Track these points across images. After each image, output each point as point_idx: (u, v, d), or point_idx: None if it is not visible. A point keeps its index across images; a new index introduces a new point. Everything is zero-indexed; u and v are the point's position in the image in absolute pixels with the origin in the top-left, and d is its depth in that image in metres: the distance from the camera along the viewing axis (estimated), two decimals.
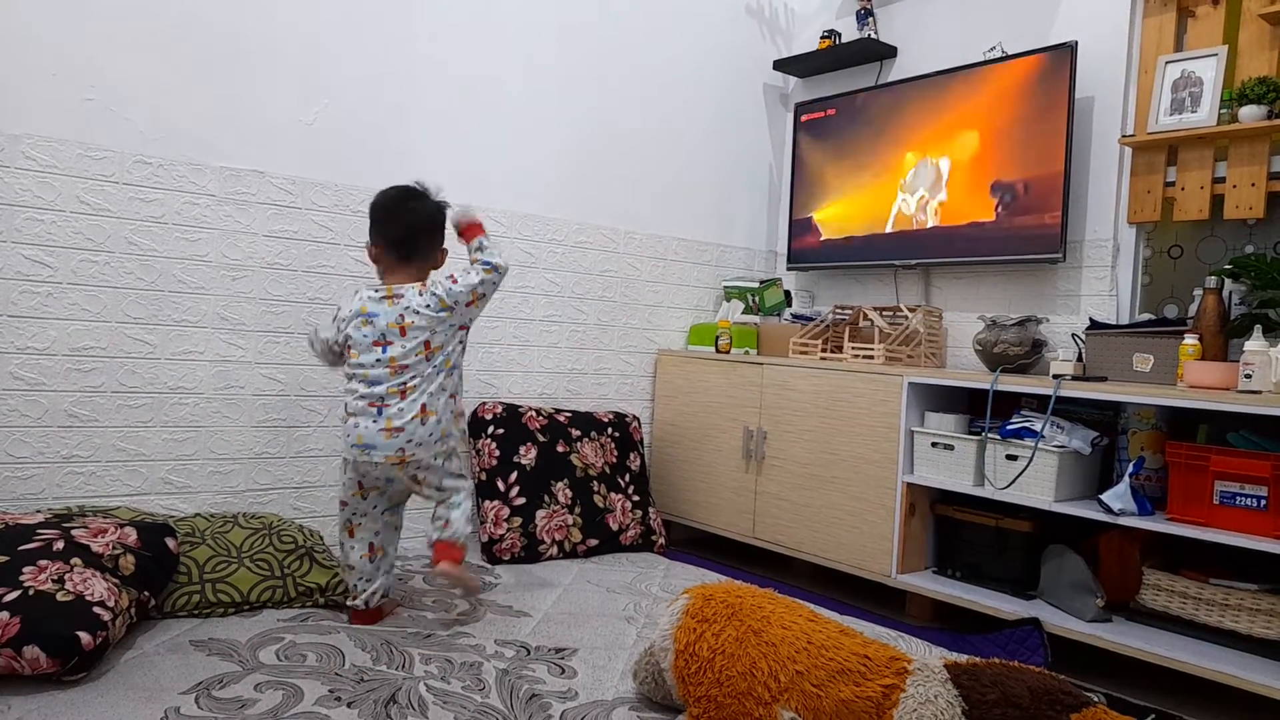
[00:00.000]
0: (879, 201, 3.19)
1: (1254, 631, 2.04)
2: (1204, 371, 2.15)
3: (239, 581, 2.08)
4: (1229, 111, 2.40)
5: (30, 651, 1.59)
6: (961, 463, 2.51)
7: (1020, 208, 2.77)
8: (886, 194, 3.17)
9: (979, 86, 2.88)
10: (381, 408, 2.04)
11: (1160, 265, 2.70)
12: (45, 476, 2.23)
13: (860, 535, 2.69)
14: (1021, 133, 2.77)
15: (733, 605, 1.64)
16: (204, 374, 2.45)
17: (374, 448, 2.03)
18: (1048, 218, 2.70)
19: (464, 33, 2.88)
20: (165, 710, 1.56)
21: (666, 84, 3.41)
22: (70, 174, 2.23)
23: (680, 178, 3.49)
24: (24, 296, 2.19)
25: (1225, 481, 2.04)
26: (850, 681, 1.45)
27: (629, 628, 2.18)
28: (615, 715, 1.68)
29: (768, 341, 3.31)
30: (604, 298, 3.30)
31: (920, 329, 2.89)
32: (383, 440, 2.03)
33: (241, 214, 2.49)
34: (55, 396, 2.24)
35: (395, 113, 2.75)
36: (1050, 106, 2.69)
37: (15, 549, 1.75)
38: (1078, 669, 2.24)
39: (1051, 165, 2.69)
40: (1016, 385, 2.41)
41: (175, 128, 2.38)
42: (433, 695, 1.70)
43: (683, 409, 3.31)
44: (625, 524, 2.95)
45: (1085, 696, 1.35)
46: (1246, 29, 2.45)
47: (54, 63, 2.20)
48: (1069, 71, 2.64)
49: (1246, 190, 2.39)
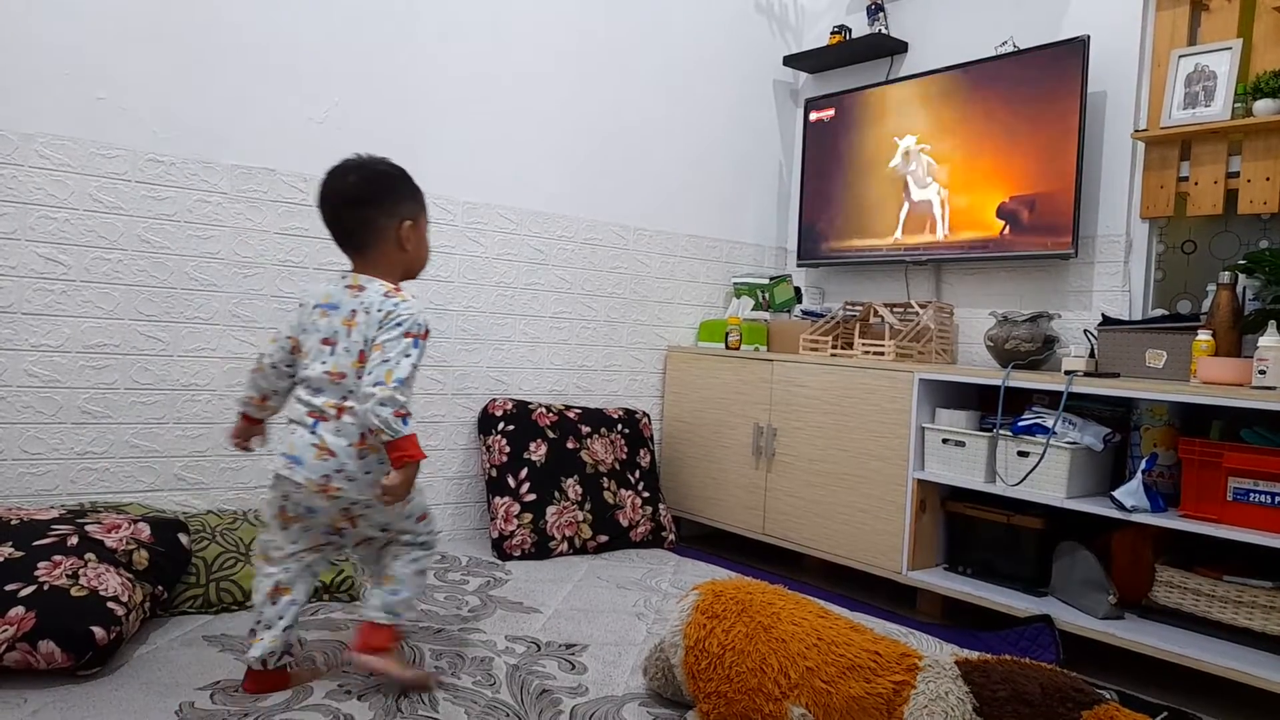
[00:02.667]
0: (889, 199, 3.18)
1: (1268, 629, 2.03)
2: (1217, 367, 2.13)
3: (244, 579, 2.09)
4: (1243, 105, 2.38)
5: (45, 646, 1.60)
6: (973, 459, 2.50)
7: (1032, 204, 2.76)
8: (896, 190, 3.16)
9: (990, 81, 2.87)
10: (319, 420, 1.64)
11: (1173, 261, 2.68)
12: (59, 472, 2.25)
13: (871, 532, 2.69)
14: (1033, 128, 2.75)
15: (743, 601, 1.64)
16: (216, 371, 2.46)
17: (300, 464, 1.63)
18: (1060, 213, 2.68)
19: (473, 31, 2.88)
20: (180, 704, 1.57)
21: (676, 80, 3.41)
22: (83, 172, 2.25)
23: (690, 174, 3.49)
24: (38, 294, 2.20)
25: (1239, 478, 2.03)
26: (861, 678, 1.44)
27: (639, 624, 2.18)
28: (625, 711, 1.68)
29: (778, 338, 3.30)
30: (614, 294, 3.30)
31: (931, 325, 2.88)
32: (311, 458, 1.62)
33: (253, 211, 2.50)
34: (69, 393, 2.25)
35: (405, 110, 2.76)
36: (1062, 101, 2.67)
37: (30, 544, 1.76)
38: (1090, 666, 2.23)
39: (1064, 160, 2.67)
40: (1028, 381, 2.40)
41: (187, 126, 2.39)
42: (443, 690, 1.71)
43: (693, 405, 3.31)
44: (635, 520, 2.96)
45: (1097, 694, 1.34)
46: (1261, 22, 2.43)
47: (66, 62, 2.21)
48: (1081, 66, 2.62)
49: (1261, 185, 2.37)
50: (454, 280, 2.88)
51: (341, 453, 1.62)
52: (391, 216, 1.72)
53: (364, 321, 1.65)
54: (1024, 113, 2.77)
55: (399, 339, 1.61)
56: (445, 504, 2.90)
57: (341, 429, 1.63)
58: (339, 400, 1.64)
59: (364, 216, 1.71)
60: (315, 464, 1.62)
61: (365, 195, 1.71)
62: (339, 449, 1.62)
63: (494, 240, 2.97)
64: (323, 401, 1.65)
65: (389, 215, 1.71)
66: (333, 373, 1.65)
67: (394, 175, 1.75)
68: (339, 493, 1.63)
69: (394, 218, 1.72)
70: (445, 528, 2.90)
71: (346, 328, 1.66)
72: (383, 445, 1.58)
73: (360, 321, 1.65)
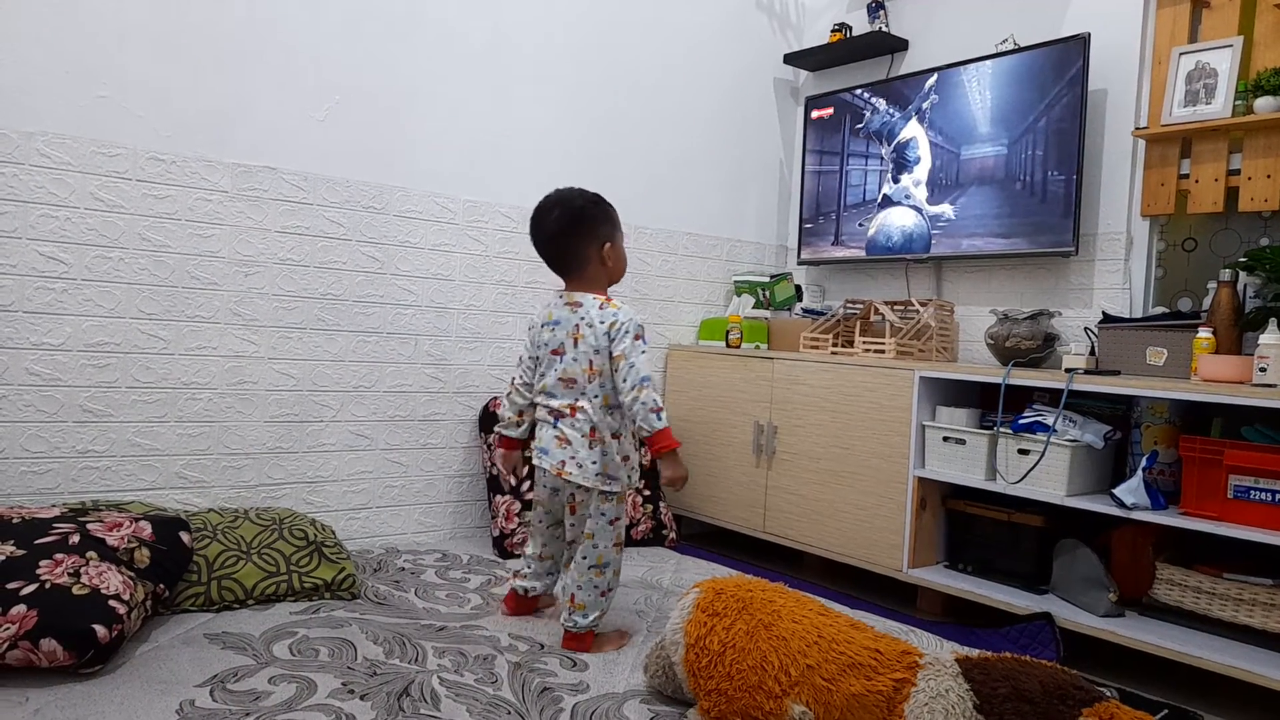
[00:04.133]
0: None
1: (1268, 626, 2.03)
2: (1218, 365, 2.13)
3: (244, 577, 2.10)
4: (1244, 103, 2.37)
5: (47, 644, 1.60)
6: (973, 457, 2.50)
7: (1033, 201, 2.76)
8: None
9: (991, 79, 2.87)
10: (557, 419, 2.01)
11: (1174, 258, 2.68)
12: (61, 471, 2.25)
13: (871, 530, 2.69)
14: (1033, 125, 2.75)
15: (743, 599, 1.64)
16: (217, 369, 2.46)
17: (545, 453, 2.02)
18: (1060, 211, 2.68)
19: (474, 30, 2.88)
20: (180, 702, 1.58)
21: (677, 78, 3.41)
22: (84, 171, 2.25)
23: (691, 172, 3.49)
24: (39, 293, 2.21)
25: (1239, 476, 2.03)
26: (861, 675, 1.45)
27: (640, 621, 2.19)
28: (626, 708, 1.68)
29: (778, 336, 3.30)
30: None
31: (931, 323, 2.88)
32: (554, 447, 2.01)
33: (254, 210, 2.50)
34: (70, 392, 2.26)
35: (405, 109, 2.76)
36: (1063, 99, 2.67)
37: (32, 543, 1.77)
38: (1090, 664, 2.24)
39: (1064, 158, 2.67)
40: (1028, 379, 2.40)
41: (188, 124, 2.39)
42: (445, 688, 1.71)
43: (693, 404, 3.31)
44: (636, 518, 2.96)
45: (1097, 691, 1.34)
46: (1262, 20, 2.43)
47: (67, 60, 2.21)
48: (1082, 63, 2.62)
49: (1262, 182, 2.37)
50: (455, 279, 2.88)
51: (575, 441, 1.98)
52: (593, 242, 2.05)
53: (589, 334, 2.00)
54: (1024, 110, 2.77)
55: (632, 342, 1.98)
56: (446, 502, 2.90)
57: (576, 424, 1.98)
58: (570, 403, 1.99)
59: (570, 246, 2.05)
60: (556, 451, 2.00)
61: (568, 229, 2.03)
62: (574, 439, 1.98)
63: (495, 239, 2.97)
64: (559, 403, 2.01)
65: (590, 242, 2.04)
66: (566, 373, 2.00)
67: (589, 207, 2.05)
68: (570, 476, 1.98)
69: (595, 242, 2.05)
70: (446, 526, 2.90)
71: (573, 339, 2.01)
72: (644, 441, 1.98)
73: (586, 334, 2.00)
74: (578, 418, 1.99)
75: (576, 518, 2.07)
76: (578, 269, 2.06)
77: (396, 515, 2.80)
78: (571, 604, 2.01)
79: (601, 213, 2.06)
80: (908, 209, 3.13)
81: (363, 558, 2.54)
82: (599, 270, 2.07)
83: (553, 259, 2.09)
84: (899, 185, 3.15)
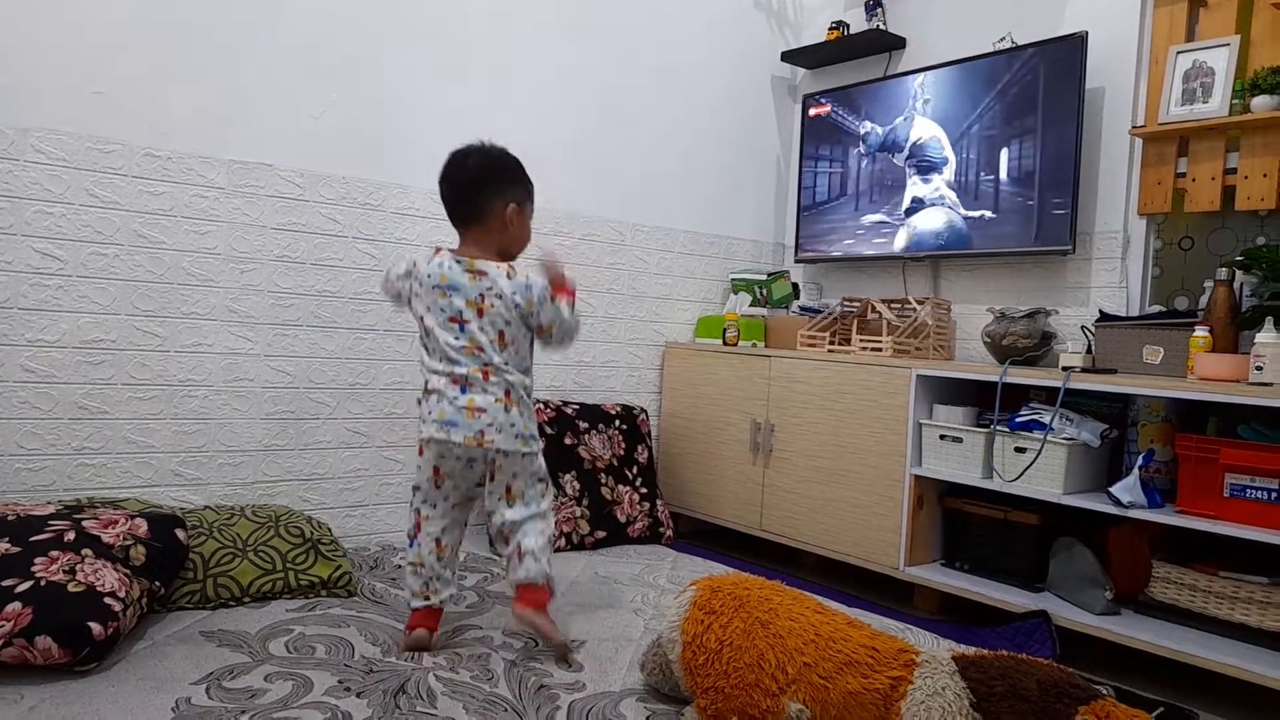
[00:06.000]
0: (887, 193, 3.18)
1: (1264, 625, 2.03)
2: (1214, 364, 2.14)
3: (240, 575, 2.09)
4: (1241, 102, 2.38)
5: (42, 641, 1.60)
6: (970, 455, 2.51)
7: (1030, 199, 2.76)
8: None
9: (988, 77, 2.87)
10: (465, 386, 1.88)
11: (1171, 257, 2.68)
12: (56, 468, 2.24)
13: (868, 528, 2.69)
14: (1031, 124, 2.75)
15: (740, 597, 1.64)
16: (213, 366, 2.45)
17: (455, 426, 1.88)
18: (1057, 209, 2.68)
19: (471, 26, 2.87)
20: (176, 700, 1.57)
21: (674, 76, 3.40)
22: (79, 167, 2.24)
23: (688, 170, 3.49)
24: (34, 289, 2.20)
25: (1236, 474, 2.03)
26: (858, 673, 1.45)
27: (636, 619, 2.19)
28: (623, 706, 1.68)
29: (775, 334, 3.30)
30: (611, 290, 3.29)
31: (928, 321, 2.88)
32: (464, 419, 1.88)
33: (250, 207, 2.49)
34: (66, 389, 2.25)
35: (402, 106, 2.75)
36: (1060, 97, 2.67)
37: (27, 540, 1.76)
38: (1086, 662, 2.24)
39: (1061, 156, 2.67)
40: (1025, 378, 2.40)
41: (184, 121, 2.38)
42: (441, 685, 1.71)
43: (690, 402, 3.31)
44: (633, 516, 2.96)
45: (1094, 689, 1.35)
46: (1259, 18, 2.43)
47: (63, 56, 2.20)
48: (1079, 62, 2.62)
49: (1258, 181, 2.37)
50: None
51: (490, 409, 1.89)
52: (500, 198, 1.94)
53: (499, 304, 1.89)
54: (1021, 108, 2.77)
55: (553, 305, 1.94)
56: None
57: (489, 389, 1.89)
58: (481, 368, 1.89)
59: (480, 193, 1.94)
60: (469, 423, 1.87)
61: (484, 174, 1.94)
62: (486, 405, 1.88)
63: None
64: (465, 370, 1.88)
65: (499, 197, 1.94)
66: (472, 342, 1.89)
67: (508, 160, 1.98)
68: (490, 443, 1.89)
69: (503, 199, 1.94)
70: None
71: (477, 310, 1.89)
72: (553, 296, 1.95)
73: (495, 304, 1.89)
74: (491, 381, 1.89)
75: (495, 484, 1.97)
76: (477, 221, 1.94)
77: (393, 512, 2.80)
78: (520, 555, 1.92)
79: (520, 173, 2.00)
80: (941, 209, 3.04)
81: (359, 555, 2.54)
82: (500, 229, 1.95)
83: (456, 203, 1.96)
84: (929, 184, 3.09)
